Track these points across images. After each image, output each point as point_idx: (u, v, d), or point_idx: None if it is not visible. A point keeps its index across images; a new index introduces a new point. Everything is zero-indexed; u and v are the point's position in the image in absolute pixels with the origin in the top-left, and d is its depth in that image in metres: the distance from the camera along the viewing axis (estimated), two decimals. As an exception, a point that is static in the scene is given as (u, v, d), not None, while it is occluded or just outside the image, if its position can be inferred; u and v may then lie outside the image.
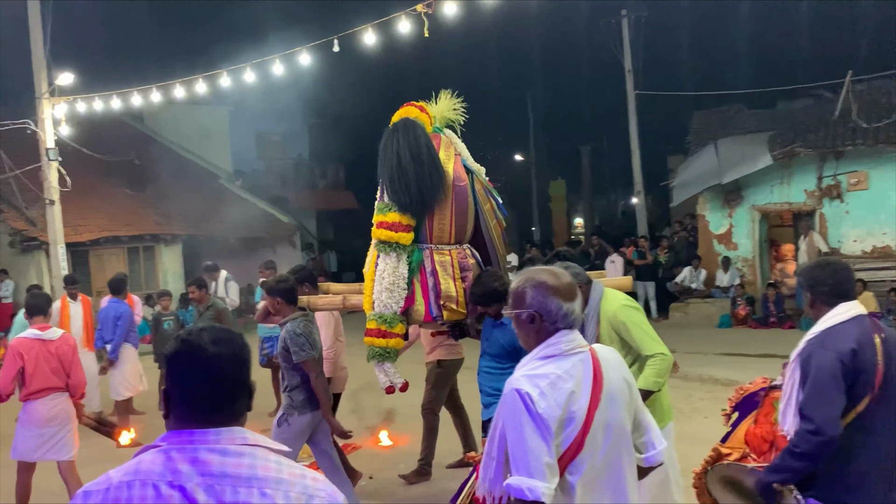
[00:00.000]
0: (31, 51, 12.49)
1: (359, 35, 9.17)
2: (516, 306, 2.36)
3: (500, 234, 5.06)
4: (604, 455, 2.24)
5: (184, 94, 11.63)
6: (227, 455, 1.54)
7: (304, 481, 1.56)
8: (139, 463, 1.54)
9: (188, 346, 1.63)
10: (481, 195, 4.83)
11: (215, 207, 20.36)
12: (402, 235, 4.57)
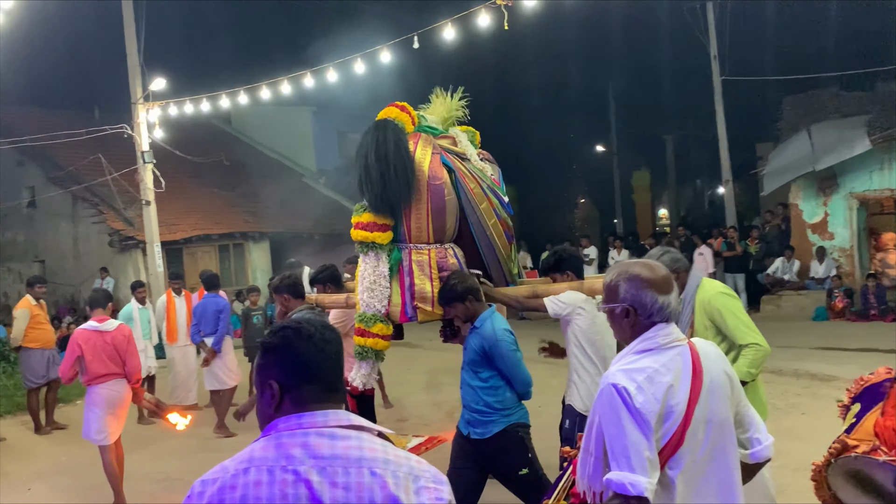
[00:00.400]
0: (126, 58, 13.10)
1: (438, 31, 9.19)
2: (609, 300, 2.33)
3: (504, 231, 4.94)
4: (705, 450, 2.17)
5: (269, 96, 11.96)
6: (336, 438, 1.58)
7: (409, 462, 1.60)
8: (252, 451, 1.58)
9: (300, 333, 1.67)
10: (476, 194, 4.77)
11: (300, 205, 20.89)
12: (378, 235, 4.61)
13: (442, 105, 5.18)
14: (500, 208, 4.93)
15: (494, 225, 4.85)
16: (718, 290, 3.67)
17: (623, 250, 15.27)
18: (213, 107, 13.01)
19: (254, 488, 1.51)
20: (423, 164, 4.60)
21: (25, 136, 14.34)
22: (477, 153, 5.26)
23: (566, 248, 5.00)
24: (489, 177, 4.96)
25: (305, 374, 1.65)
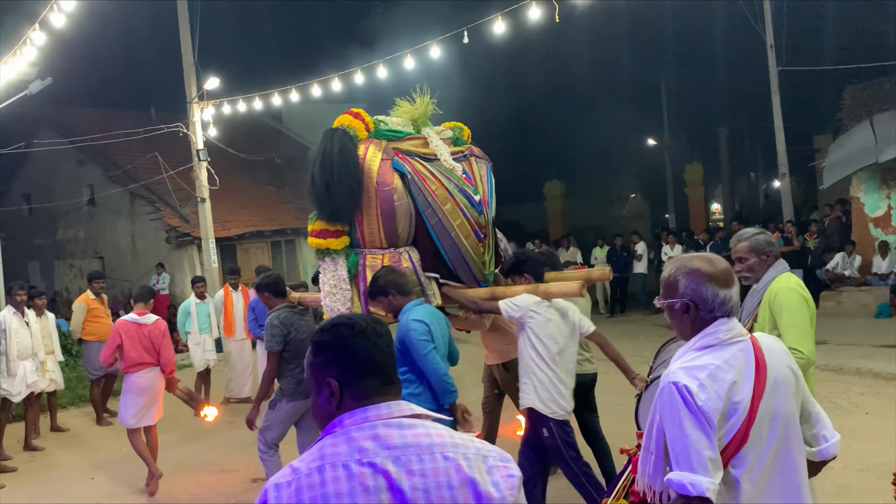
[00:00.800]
0: (181, 59, 13.37)
1: (488, 25, 9.15)
2: (668, 296, 2.27)
3: (473, 231, 4.92)
4: (771, 448, 2.12)
5: (320, 93, 12.08)
6: (404, 427, 1.59)
7: (475, 444, 1.61)
8: (322, 449, 1.58)
9: (353, 328, 1.68)
10: (439, 195, 4.79)
11: (349, 201, 21.08)
12: (331, 241, 4.74)
13: (414, 106, 5.25)
14: (469, 208, 4.92)
15: (461, 225, 4.86)
16: (790, 286, 3.47)
17: (676, 245, 15.01)
18: (265, 105, 13.21)
19: (333, 485, 1.50)
20: (372, 170, 4.67)
21: (86, 136, 14.76)
22: (465, 150, 5.34)
23: (526, 250, 4.99)
24: (459, 176, 4.98)
25: (363, 368, 1.65)
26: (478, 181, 5.19)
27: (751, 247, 3.56)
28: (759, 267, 3.56)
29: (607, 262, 15.93)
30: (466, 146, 5.48)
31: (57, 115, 18.91)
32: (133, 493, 6.44)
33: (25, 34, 9.33)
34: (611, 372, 10.24)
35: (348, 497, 1.49)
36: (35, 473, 7.30)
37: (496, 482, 1.56)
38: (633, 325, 14.25)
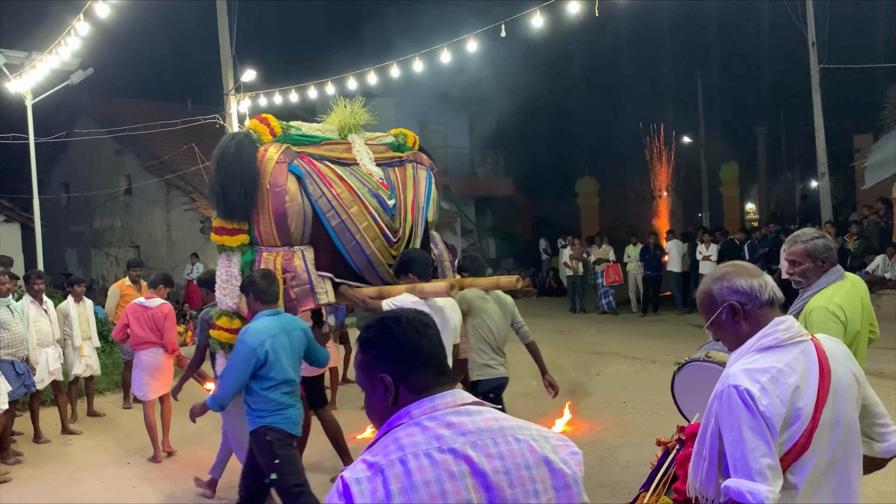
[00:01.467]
0: (219, 51, 13.49)
1: (526, 19, 9.09)
2: (710, 311, 2.23)
3: (381, 233, 5.13)
4: (830, 455, 2.07)
5: (355, 87, 12.09)
6: (473, 414, 1.60)
7: (533, 426, 1.65)
8: (397, 440, 1.55)
9: (400, 322, 1.68)
10: (344, 198, 5.00)
11: (381, 195, 21.16)
12: (227, 238, 4.99)
13: (341, 113, 5.47)
14: (380, 212, 5.13)
15: (367, 228, 5.07)
16: (825, 306, 3.33)
17: (711, 245, 14.80)
18: (301, 97, 13.27)
19: (419, 473, 1.49)
20: (267, 171, 4.86)
21: (125, 126, 14.98)
22: (406, 155, 5.63)
23: (413, 251, 5.10)
24: (376, 181, 5.19)
25: (416, 360, 1.65)
26: (402, 187, 5.41)
27: (807, 251, 3.44)
28: (812, 273, 3.44)
29: (640, 259, 15.77)
30: (410, 152, 5.71)
31: (97, 105, 19.25)
32: (167, 479, 6.52)
33: (70, 24, 9.48)
34: (647, 371, 10.20)
35: (436, 484, 1.49)
36: (72, 457, 7.43)
37: (565, 459, 1.61)
38: (666, 325, 14.10)
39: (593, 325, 14.67)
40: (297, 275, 4.91)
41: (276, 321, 4.45)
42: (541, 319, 15.49)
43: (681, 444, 2.95)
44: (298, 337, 4.53)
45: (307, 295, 4.92)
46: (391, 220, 5.20)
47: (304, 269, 4.92)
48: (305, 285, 4.92)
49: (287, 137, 5.13)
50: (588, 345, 12.22)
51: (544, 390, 8.77)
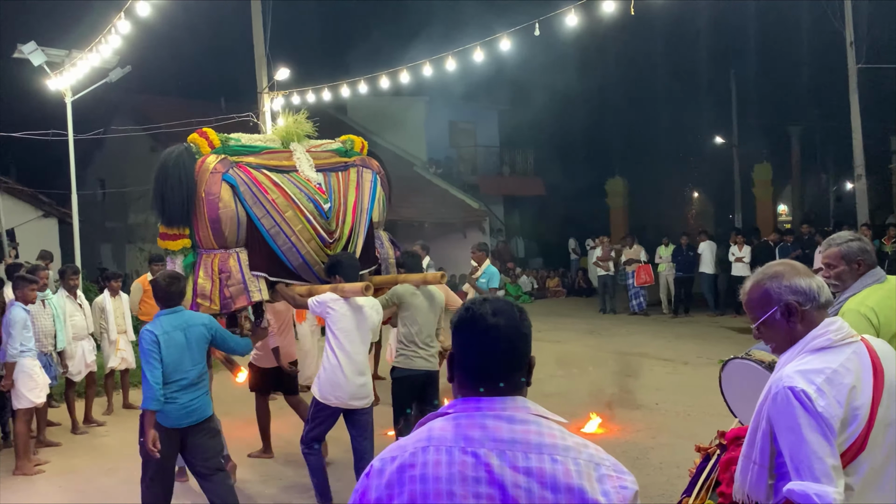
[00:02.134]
0: (253, 50, 13.63)
1: (560, 17, 9.05)
2: (763, 310, 2.20)
3: (317, 235, 5.55)
4: (884, 455, 2.05)
5: (388, 85, 12.13)
6: (515, 422, 1.55)
7: (588, 450, 1.55)
8: (430, 430, 1.59)
9: (471, 315, 1.66)
10: (279, 203, 5.40)
11: (411, 194, 21.19)
12: (170, 243, 5.40)
13: (287, 124, 5.92)
14: (315, 215, 5.53)
15: (301, 230, 5.48)
16: (857, 309, 3.28)
17: (745, 246, 14.62)
18: (333, 96, 13.35)
19: (433, 468, 1.51)
20: (202, 181, 5.24)
21: (159, 123, 15.19)
22: (355, 160, 6.07)
23: (341, 254, 5.51)
24: (313, 187, 5.59)
25: (468, 355, 1.65)
26: (343, 191, 5.82)
27: (842, 253, 3.39)
28: (847, 276, 3.38)
29: (672, 260, 15.64)
30: (357, 157, 6.15)
31: (133, 103, 19.55)
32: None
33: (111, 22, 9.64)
34: (678, 372, 10.10)
35: (446, 483, 1.49)
36: (108, 448, 7.57)
37: (606, 491, 1.49)
38: (698, 327, 13.97)
39: (624, 325, 14.58)
40: (232, 275, 5.33)
41: (174, 318, 4.78)
42: (570, 319, 15.46)
43: (722, 449, 2.93)
44: (198, 332, 4.81)
45: (241, 293, 5.34)
46: (326, 222, 5.61)
47: (239, 269, 5.35)
48: (239, 284, 5.33)
49: (226, 149, 5.50)
50: (619, 346, 12.16)
51: (575, 390, 8.78)
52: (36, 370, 6.85)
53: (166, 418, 4.71)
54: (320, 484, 5.36)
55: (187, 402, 4.73)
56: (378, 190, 6.12)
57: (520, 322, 1.67)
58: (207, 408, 4.89)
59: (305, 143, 5.91)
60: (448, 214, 21.00)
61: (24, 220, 14.63)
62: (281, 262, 5.53)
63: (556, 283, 21.36)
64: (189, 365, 4.74)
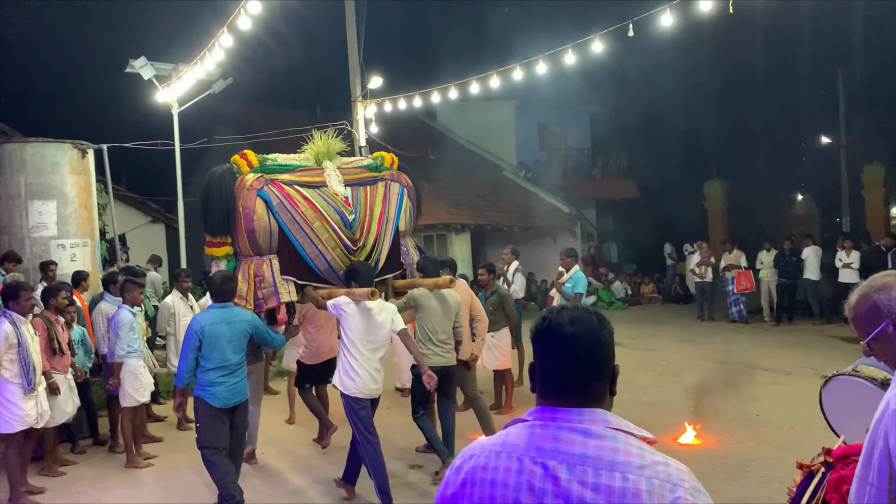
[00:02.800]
0: (346, 60, 13.95)
1: (655, 17, 8.84)
2: (872, 324, 2.07)
3: (341, 243, 6.24)
4: None
5: (478, 90, 12.17)
6: (590, 436, 1.53)
7: (667, 469, 1.49)
8: (507, 435, 1.61)
9: (547, 324, 1.65)
10: (307, 215, 6.10)
11: (500, 198, 21.18)
12: (213, 250, 6.21)
13: (317, 144, 6.60)
14: (340, 226, 6.24)
15: (328, 239, 6.20)
16: None
17: (853, 251, 13.84)
18: (424, 102, 13.52)
19: (503, 474, 1.54)
20: (240, 197, 5.97)
21: (259, 132, 15.77)
22: (384, 175, 6.70)
23: (357, 262, 6.11)
24: (340, 201, 6.27)
25: (546, 365, 1.64)
26: (370, 203, 6.49)
27: None
28: None
29: (774, 266, 14.99)
30: (387, 171, 6.77)
31: (234, 112, 20.37)
32: (296, 470, 6.81)
33: (214, 37, 10.09)
34: (781, 383, 9.67)
35: (513, 491, 1.51)
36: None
37: None
38: (802, 335, 13.32)
39: (723, 333, 14.07)
40: (265, 279, 6.04)
41: (220, 312, 5.56)
42: (666, 327, 15.04)
43: (827, 468, 2.78)
44: (241, 327, 5.58)
45: (272, 295, 6.05)
46: (350, 231, 6.31)
47: (271, 274, 6.05)
48: (271, 287, 6.05)
49: (263, 168, 6.21)
50: (717, 354, 11.74)
51: (671, 400, 8.54)
52: (140, 370, 7.22)
53: (217, 399, 5.49)
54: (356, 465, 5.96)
55: (232, 385, 5.54)
56: (405, 202, 6.77)
57: (599, 330, 1.63)
58: (247, 390, 5.75)
59: (338, 161, 6.62)
60: (538, 219, 20.84)
61: (134, 225, 15.50)
62: (309, 268, 6.21)
63: (651, 290, 20.84)
64: (231, 353, 5.52)
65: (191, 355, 5.47)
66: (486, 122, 23.03)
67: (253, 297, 6.02)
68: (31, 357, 6.13)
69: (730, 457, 6.40)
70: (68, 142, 10.39)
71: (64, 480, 6.75)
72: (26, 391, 6.09)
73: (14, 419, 6.06)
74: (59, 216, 9.92)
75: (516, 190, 22.00)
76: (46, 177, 9.97)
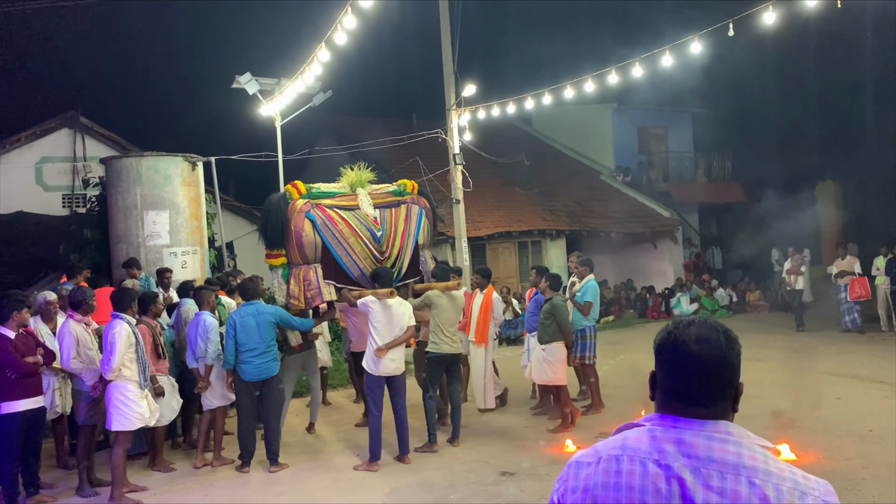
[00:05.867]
0: (441, 69, 14.11)
1: (757, 15, 8.51)
2: None
3: (371, 254, 7.70)
4: None
5: (573, 95, 12.05)
6: (713, 440, 1.52)
7: (794, 477, 1.48)
8: (625, 439, 1.59)
9: (672, 340, 1.63)
10: (345, 232, 7.55)
11: (597, 203, 20.84)
12: (271, 261, 7.69)
13: (350, 175, 8.04)
14: (371, 241, 7.69)
15: (360, 251, 7.66)
16: None
17: None
18: (518, 108, 13.50)
19: (626, 477, 1.52)
20: (292, 219, 7.43)
21: (358, 143, 16.19)
22: (406, 199, 8.11)
23: (380, 268, 7.52)
24: (371, 220, 7.72)
25: (669, 380, 1.63)
26: (394, 222, 7.90)
27: None
28: None
29: (886, 273, 14.08)
30: (409, 196, 8.19)
31: (333, 123, 20.98)
32: (385, 473, 6.94)
33: (313, 52, 10.46)
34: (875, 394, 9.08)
35: (639, 494, 1.49)
36: (308, 447, 8.15)
37: None
38: (925, 347, 12.43)
39: (834, 344, 13.31)
40: (312, 283, 7.50)
41: (249, 308, 7.27)
42: (773, 336, 14.38)
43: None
44: (265, 318, 7.21)
45: (317, 295, 7.52)
46: (378, 245, 7.75)
47: (316, 279, 7.53)
48: (316, 289, 7.51)
49: (310, 195, 7.65)
50: (828, 365, 11.14)
51: (778, 413, 8.15)
52: (224, 373, 7.54)
53: (245, 374, 7.18)
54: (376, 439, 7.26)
55: (258, 364, 7.15)
56: (423, 220, 8.16)
57: (726, 351, 1.60)
58: (274, 369, 7.27)
59: (368, 187, 8.05)
60: (636, 224, 20.38)
61: (241, 233, 16.18)
62: (345, 274, 7.66)
63: (757, 297, 19.98)
64: (257, 340, 7.14)
65: (231, 343, 7.18)
66: (583, 127, 22.73)
67: (303, 296, 7.50)
68: (145, 356, 6.56)
69: (837, 474, 6.07)
70: (180, 155, 11.02)
71: (166, 477, 7.14)
72: (142, 387, 6.50)
73: (134, 417, 6.49)
74: (171, 225, 10.53)
75: (614, 195, 21.59)
76: (160, 188, 10.60)
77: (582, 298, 8.77)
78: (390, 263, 7.83)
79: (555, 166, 22.44)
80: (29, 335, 6.56)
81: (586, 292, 8.82)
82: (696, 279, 20.05)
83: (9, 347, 6.19)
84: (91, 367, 6.71)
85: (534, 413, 9.00)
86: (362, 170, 8.16)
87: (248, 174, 17.45)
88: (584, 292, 8.82)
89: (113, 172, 10.71)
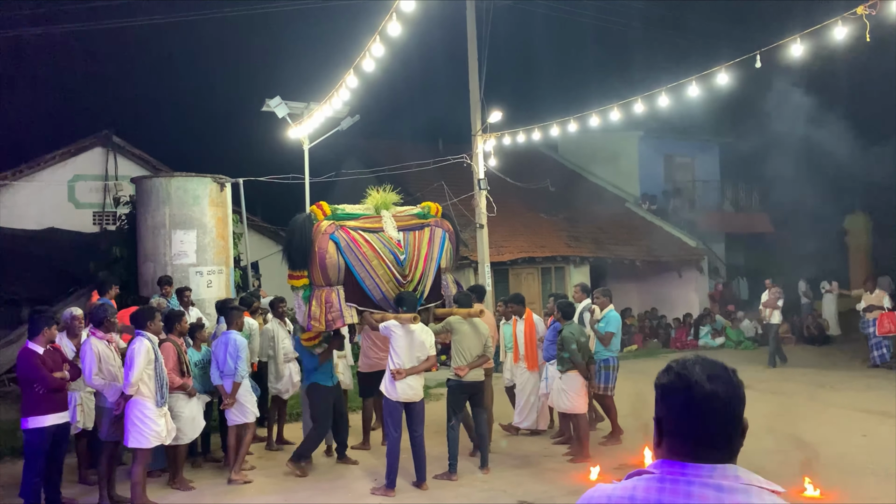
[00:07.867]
0: (468, 95, 14.26)
1: (784, 47, 8.50)
2: None
3: (393, 277, 7.51)
4: None
5: (598, 123, 12.09)
6: (723, 491, 1.49)
7: None
8: (634, 489, 1.57)
9: (683, 381, 1.59)
10: (367, 255, 7.38)
11: (622, 231, 20.76)
12: (293, 281, 7.60)
13: (375, 197, 7.91)
14: (393, 263, 7.50)
15: (383, 274, 7.47)
16: None
17: None
18: (543, 135, 13.57)
19: None
20: (316, 240, 7.31)
21: (384, 166, 16.35)
22: (430, 221, 7.93)
23: (404, 292, 7.36)
24: (394, 243, 7.55)
25: (680, 423, 1.59)
26: (417, 245, 7.71)
27: None
28: None
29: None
30: (433, 219, 8.01)
31: (360, 147, 21.18)
32: (401, 500, 6.92)
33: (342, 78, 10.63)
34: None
35: None
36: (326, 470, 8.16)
37: None
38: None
39: (863, 379, 13.05)
40: (333, 305, 7.33)
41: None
42: (799, 370, 14.14)
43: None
44: None
45: (338, 318, 7.35)
46: (401, 268, 7.55)
47: (338, 301, 7.38)
48: (337, 311, 7.34)
49: (335, 216, 7.56)
50: (855, 401, 10.91)
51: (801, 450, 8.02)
52: (250, 390, 7.63)
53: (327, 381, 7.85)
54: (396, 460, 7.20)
55: None
56: (447, 244, 7.98)
57: (737, 387, 1.59)
58: None
59: (393, 210, 7.90)
60: (661, 252, 20.25)
61: (267, 253, 16.34)
62: (367, 297, 7.50)
63: (785, 329, 19.68)
64: None
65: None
66: (609, 154, 22.70)
67: (324, 318, 7.33)
68: (164, 373, 6.64)
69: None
70: (208, 176, 11.20)
71: (185, 496, 7.17)
72: (159, 404, 6.57)
73: (151, 434, 6.56)
74: (198, 245, 10.68)
75: (640, 222, 21.50)
76: (188, 208, 10.77)
77: (604, 329, 8.75)
78: (412, 287, 7.66)
79: (580, 193, 22.41)
80: (56, 351, 6.68)
81: (609, 323, 8.79)
82: (721, 310, 19.83)
83: (38, 363, 6.31)
84: (113, 384, 6.81)
85: (554, 442, 8.92)
86: (387, 192, 8.04)
87: (275, 195, 17.67)
88: (607, 323, 8.80)
89: (143, 191, 10.92)
